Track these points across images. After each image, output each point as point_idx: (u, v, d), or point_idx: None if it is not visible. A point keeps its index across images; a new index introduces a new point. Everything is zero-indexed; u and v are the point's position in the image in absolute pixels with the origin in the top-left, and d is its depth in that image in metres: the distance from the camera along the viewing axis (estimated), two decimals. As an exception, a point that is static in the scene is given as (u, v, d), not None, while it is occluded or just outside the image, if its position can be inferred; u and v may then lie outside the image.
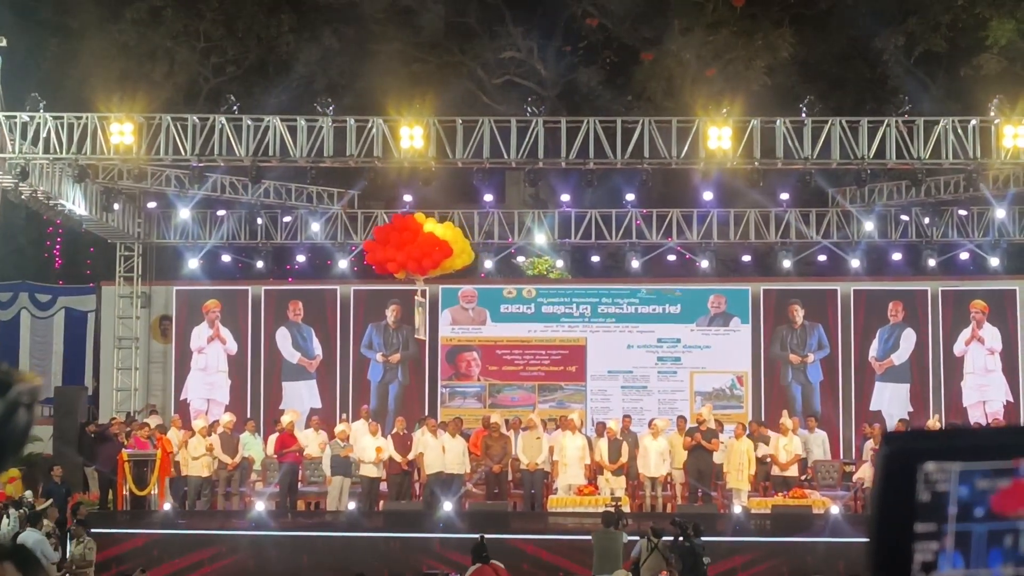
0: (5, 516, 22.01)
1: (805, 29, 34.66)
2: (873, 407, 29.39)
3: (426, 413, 27.74)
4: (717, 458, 24.98)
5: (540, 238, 30.72)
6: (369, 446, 24.91)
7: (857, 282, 30.11)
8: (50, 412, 30.37)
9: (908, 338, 29.74)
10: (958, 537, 1.91)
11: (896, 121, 23.74)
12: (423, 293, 25.91)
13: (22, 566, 2.59)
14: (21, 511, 21.44)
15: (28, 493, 24.13)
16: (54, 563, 20.17)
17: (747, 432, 25.34)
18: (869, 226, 29.76)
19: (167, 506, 24.16)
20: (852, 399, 29.54)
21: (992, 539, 1.91)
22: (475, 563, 18.23)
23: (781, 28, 34.35)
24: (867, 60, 34.83)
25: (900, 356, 29.69)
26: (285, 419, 26.14)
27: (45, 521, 21.32)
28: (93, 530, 21.52)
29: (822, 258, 30.99)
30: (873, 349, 29.74)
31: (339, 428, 25.72)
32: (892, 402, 29.40)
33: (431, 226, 24.60)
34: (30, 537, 20.12)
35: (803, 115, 23.92)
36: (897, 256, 30.67)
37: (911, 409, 29.15)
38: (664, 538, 19.31)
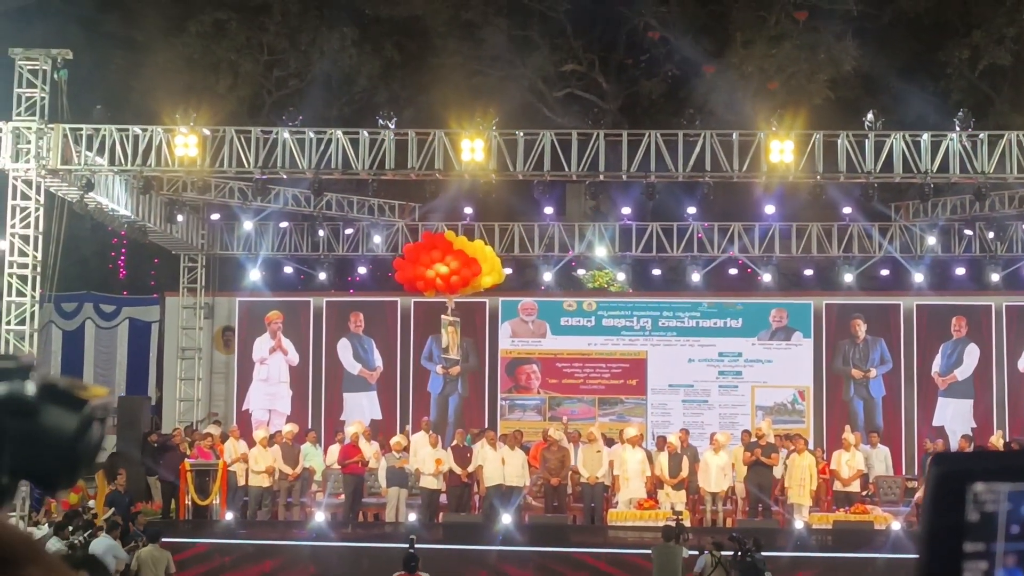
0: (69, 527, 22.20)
1: (868, 42, 34.48)
2: (936, 423, 29.18)
3: (486, 425, 27.79)
4: (778, 472, 24.90)
5: (601, 251, 30.71)
6: (429, 458, 24.96)
7: (920, 297, 29.92)
8: (114, 422, 30.66)
9: (971, 353, 29.52)
10: (1019, 556, 1.92)
11: (960, 135, 23.55)
12: (453, 311, 25.87)
13: (94, 574, 2.65)
14: (80, 536, 21.50)
15: (92, 503, 24.35)
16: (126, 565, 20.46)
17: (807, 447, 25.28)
18: (932, 240, 29.58)
19: (229, 515, 24.30)
20: (915, 414, 29.36)
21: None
22: (402, 571, 18.22)
23: (844, 41, 34.19)
24: (931, 73, 34.61)
25: (963, 372, 29.48)
26: (350, 430, 26.25)
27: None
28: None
29: (885, 272, 30.83)
30: (936, 364, 29.54)
31: (395, 439, 25.80)
32: (955, 418, 29.18)
33: (461, 244, 24.50)
34: (101, 543, 20.41)
35: (866, 128, 23.79)
36: (960, 271, 30.45)
37: (974, 425, 28.91)
38: (723, 553, 19.28)
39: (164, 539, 21.36)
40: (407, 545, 18.81)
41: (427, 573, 18.53)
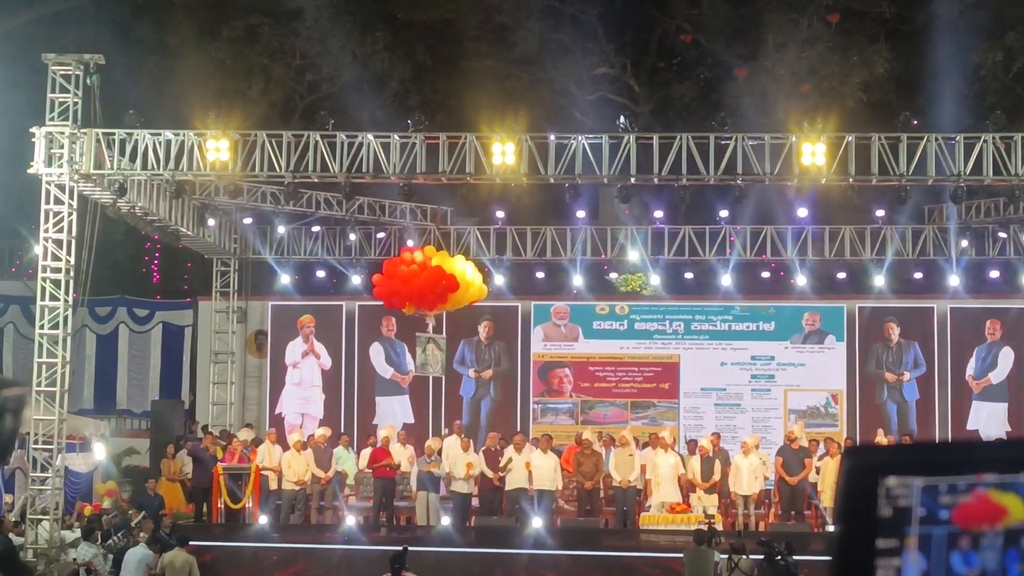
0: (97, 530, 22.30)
1: (901, 45, 34.32)
2: (970, 426, 29.04)
3: (518, 429, 27.76)
4: (811, 476, 24.84)
5: (633, 254, 30.64)
6: (460, 462, 24.97)
7: (954, 300, 29.76)
8: (147, 425, 30.79)
9: (1006, 357, 29.36)
10: (920, 546, 1.89)
11: (993, 137, 23.40)
12: (433, 328, 25.82)
13: (7, 571, 2.62)
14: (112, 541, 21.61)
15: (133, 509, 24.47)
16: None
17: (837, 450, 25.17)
18: (965, 243, 29.41)
19: (261, 519, 24.34)
20: (948, 418, 29.21)
21: (954, 552, 1.89)
22: (388, 573, 18.25)
23: (877, 44, 34.05)
24: (964, 76, 34.41)
25: (998, 375, 29.33)
26: (381, 433, 26.30)
27: (143, 534, 21.60)
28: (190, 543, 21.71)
29: (918, 275, 30.66)
30: (970, 367, 29.40)
31: (427, 444, 25.83)
32: (989, 421, 29.04)
33: (439, 260, 24.39)
34: (136, 553, 20.53)
35: (899, 131, 23.68)
36: (994, 274, 30.28)
37: (1009, 428, 28.76)
38: (754, 557, 19.22)
39: (197, 543, 21.42)
40: (401, 548, 18.78)
41: (413, 574, 18.55)
